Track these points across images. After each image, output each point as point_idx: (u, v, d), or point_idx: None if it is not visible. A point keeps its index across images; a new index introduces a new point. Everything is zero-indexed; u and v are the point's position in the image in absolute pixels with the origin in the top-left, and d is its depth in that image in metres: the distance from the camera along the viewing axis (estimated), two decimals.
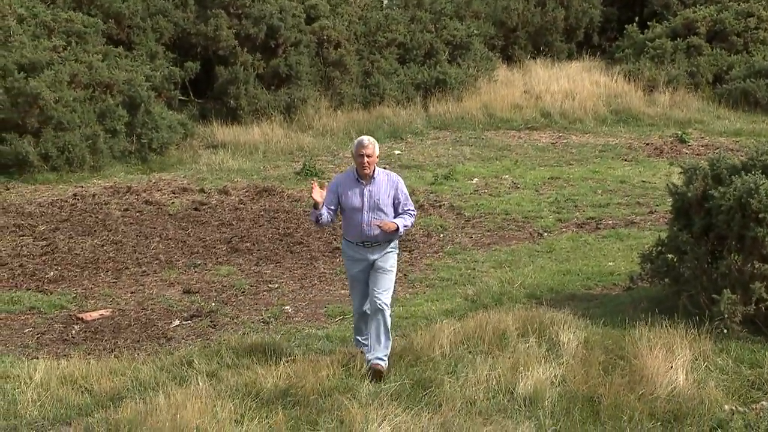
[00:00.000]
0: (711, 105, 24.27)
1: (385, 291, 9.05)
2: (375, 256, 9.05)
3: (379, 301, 9.00)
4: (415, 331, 10.27)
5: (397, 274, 12.64)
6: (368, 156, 8.85)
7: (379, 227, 8.88)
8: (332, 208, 9.07)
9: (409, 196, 9.24)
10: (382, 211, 8.96)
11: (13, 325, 11.35)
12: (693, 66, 25.79)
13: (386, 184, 9.03)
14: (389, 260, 9.13)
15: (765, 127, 22.58)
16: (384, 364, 9.00)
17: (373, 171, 8.95)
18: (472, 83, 24.67)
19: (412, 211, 9.19)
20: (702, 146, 20.92)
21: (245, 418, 8.33)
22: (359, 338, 9.61)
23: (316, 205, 8.87)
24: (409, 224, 9.17)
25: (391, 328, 9.22)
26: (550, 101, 23.82)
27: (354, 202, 8.96)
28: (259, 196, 17.00)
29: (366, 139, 8.96)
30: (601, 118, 23.22)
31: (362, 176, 8.96)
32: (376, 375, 8.93)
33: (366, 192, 8.95)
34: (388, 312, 9.06)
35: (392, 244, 9.16)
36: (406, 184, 17.52)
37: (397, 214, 9.08)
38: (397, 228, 8.95)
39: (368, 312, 9.24)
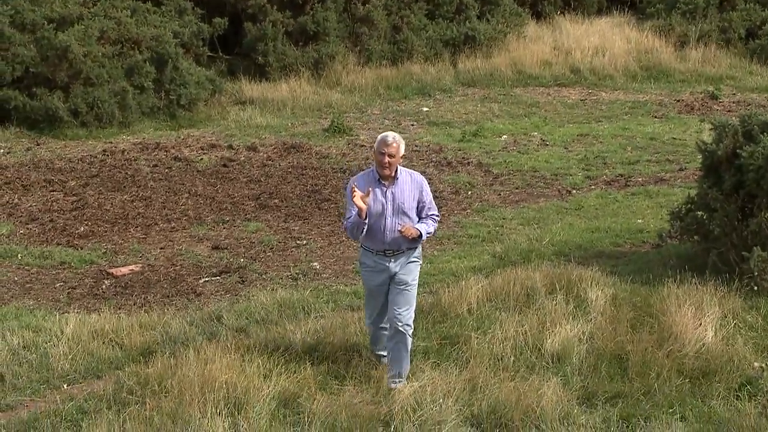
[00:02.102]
0: (743, 61, 23.94)
1: (406, 309, 8.16)
2: (397, 267, 8.13)
3: (400, 323, 8.11)
4: (442, 288, 10.29)
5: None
6: (390, 156, 7.93)
7: (401, 232, 7.96)
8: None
9: (433, 199, 8.35)
10: (406, 215, 8.06)
11: (44, 279, 11.46)
12: (725, 21, 25.40)
13: (410, 185, 8.11)
14: (412, 272, 8.22)
15: None
16: (403, 384, 8.13)
17: (396, 171, 8.02)
18: (502, 39, 24.42)
19: (436, 216, 8.33)
20: (734, 103, 20.70)
21: (273, 373, 8.39)
22: (377, 351, 8.69)
23: (359, 213, 7.83)
24: (432, 231, 8.26)
25: (411, 349, 8.39)
26: (579, 57, 23.58)
27: (376, 206, 7.97)
28: (287, 153, 16.99)
29: (391, 136, 8.02)
30: (632, 75, 22.98)
31: (383, 177, 8.02)
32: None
33: (389, 194, 8.02)
34: (410, 332, 8.22)
35: (416, 253, 8.24)
36: (434, 141, 17.58)
37: (419, 219, 8.19)
38: (420, 235, 8.04)
39: (385, 328, 8.42)
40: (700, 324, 8.97)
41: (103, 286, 11.22)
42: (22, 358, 8.98)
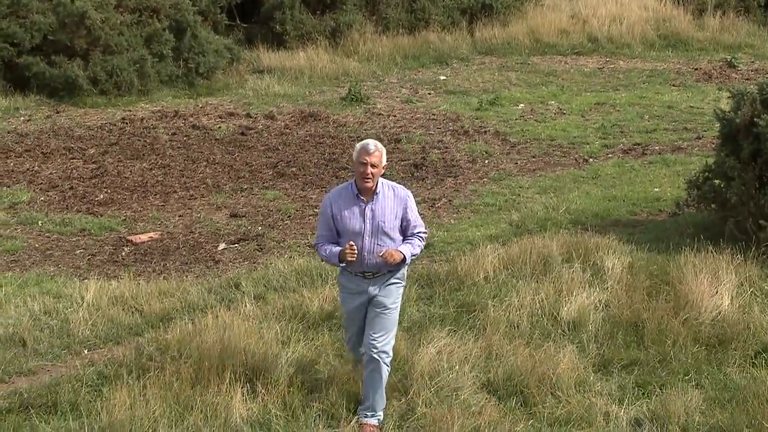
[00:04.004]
0: (762, 29, 23.72)
1: (383, 335, 7.17)
2: (376, 290, 7.21)
3: (375, 350, 7.14)
4: (459, 256, 10.28)
5: (441, 204, 12.70)
6: (373, 166, 6.98)
7: (383, 257, 7.04)
8: (334, 240, 7.23)
9: (419, 216, 7.34)
10: (387, 235, 7.08)
11: (64, 246, 11.50)
12: None
13: (392, 201, 7.11)
14: (392, 294, 7.25)
15: None
16: (375, 422, 7.24)
17: (376, 185, 7.07)
18: (519, 8, 24.26)
19: (423, 233, 7.31)
20: (752, 71, 20.54)
21: (291, 340, 8.43)
22: (352, 351, 7.77)
23: (341, 259, 7.07)
24: (418, 251, 7.27)
25: (385, 385, 7.31)
26: (597, 26, 23.41)
27: (352, 225, 7.06)
28: (304, 122, 16.97)
29: (372, 143, 7.06)
30: (649, 43, 22.80)
31: (363, 191, 7.06)
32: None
33: (368, 212, 7.06)
34: (387, 361, 7.20)
35: (398, 275, 7.28)
36: (451, 110, 17.54)
37: (404, 238, 7.24)
38: (404, 258, 7.11)
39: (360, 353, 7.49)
40: (717, 292, 8.96)
41: (123, 253, 11.26)
42: (43, 324, 9.04)
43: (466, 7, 23.75)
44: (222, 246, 11.45)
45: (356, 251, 6.96)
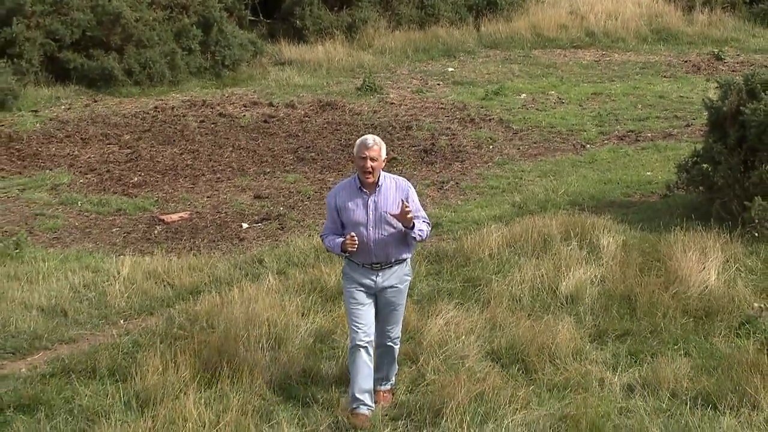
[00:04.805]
0: (747, 24, 23.54)
1: (396, 325, 7.08)
2: (385, 283, 6.88)
3: (390, 339, 7.06)
4: (465, 234, 10.26)
5: (449, 187, 12.68)
6: (372, 160, 6.72)
7: (401, 210, 6.66)
8: (339, 232, 6.93)
9: (421, 207, 7.01)
10: (390, 225, 6.77)
11: (102, 224, 11.53)
12: None
13: (394, 192, 6.82)
14: (404, 293, 7.01)
15: None
16: (388, 388, 7.19)
17: (378, 178, 6.81)
18: (521, 4, 24.13)
19: (427, 220, 6.98)
20: (737, 63, 20.39)
21: (311, 312, 8.44)
22: (359, 396, 6.88)
23: (344, 249, 6.79)
24: (425, 229, 6.85)
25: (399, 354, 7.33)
26: (594, 21, 23.26)
27: (356, 216, 6.78)
28: (322, 110, 16.93)
29: (371, 138, 6.81)
30: (642, 37, 22.65)
31: (365, 184, 6.80)
32: (382, 400, 7.13)
33: (371, 203, 6.78)
34: (398, 342, 7.20)
35: (406, 269, 7.01)
36: (458, 99, 17.47)
37: None
38: (413, 226, 6.74)
39: (369, 351, 6.94)
40: (704, 268, 8.92)
41: (155, 231, 11.28)
42: (82, 296, 9.08)
43: (473, 4, 23.64)
44: (246, 225, 11.46)
45: (357, 242, 6.70)
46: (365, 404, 6.88)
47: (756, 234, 9.75)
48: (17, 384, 7.48)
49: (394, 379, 7.30)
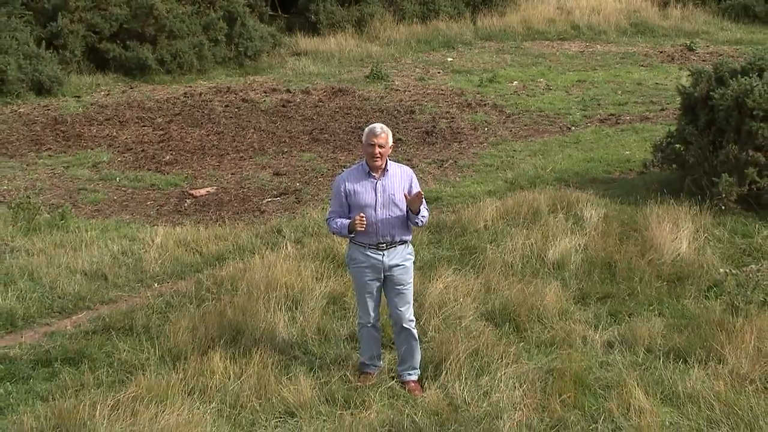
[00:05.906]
0: (716, 18, 23.41)
1: (407, 307, 6.73)
2: (392, 261, 6.61)
3: (404, 321, 6.69)
4: (463, 207, 10.25)
5: (448, 165, 12.64)
6: (380, 146, 6.47)
7: (416, 196, 6.47)
8: (344, 216, 6.67)
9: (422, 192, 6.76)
10: (397, 206, 6.53)
11: (138, 198, 11.52)
12: None
13: (400, 177, 6.61)
14: (409, 272, 6.71)
15: (762, 37, 21.77)
16: (416, 378, 6.82)
17: (385, 163, 6.59)
18: (514, 0, 24.02)
19: (427, 207, 6.72)
20: (708, 54, 20.25)
21: (324, 276, 8.44)
22: (367, 362, 6.90)
23: (351, 230, 6.55)
24: (426, 218, 6.65)
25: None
26: (579, 16, 23.11)
27: (365, 199, 6.52)
28: (335, 96, 16.87)
29: (378, 127, 6.55)
30: (622, 30, 22.51)
31: (373, 169, 6.56)
32: (414, 390, 6.75)
33: (379, 186, 6.54)
34: (414, 325, 6.78)
35: (408, 249, 6.72)
36: (457, 86, 17.38)
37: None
38: (419, 211, 6.53)
39: (377, 327, 6.83)
40: (676, 237, 8.91)
41: (185, 205, 11.27)
42: (121, 262, 9.08)
43: (470, 0, 23.50)
44: (267, 199, 11.44)
45: (365, 222, 6.46)
46: (373, 365, 6.86)
47: (723, 207, 9.73)
48: (63, 340, 7.51)
49: (419, 368, 6.83)
